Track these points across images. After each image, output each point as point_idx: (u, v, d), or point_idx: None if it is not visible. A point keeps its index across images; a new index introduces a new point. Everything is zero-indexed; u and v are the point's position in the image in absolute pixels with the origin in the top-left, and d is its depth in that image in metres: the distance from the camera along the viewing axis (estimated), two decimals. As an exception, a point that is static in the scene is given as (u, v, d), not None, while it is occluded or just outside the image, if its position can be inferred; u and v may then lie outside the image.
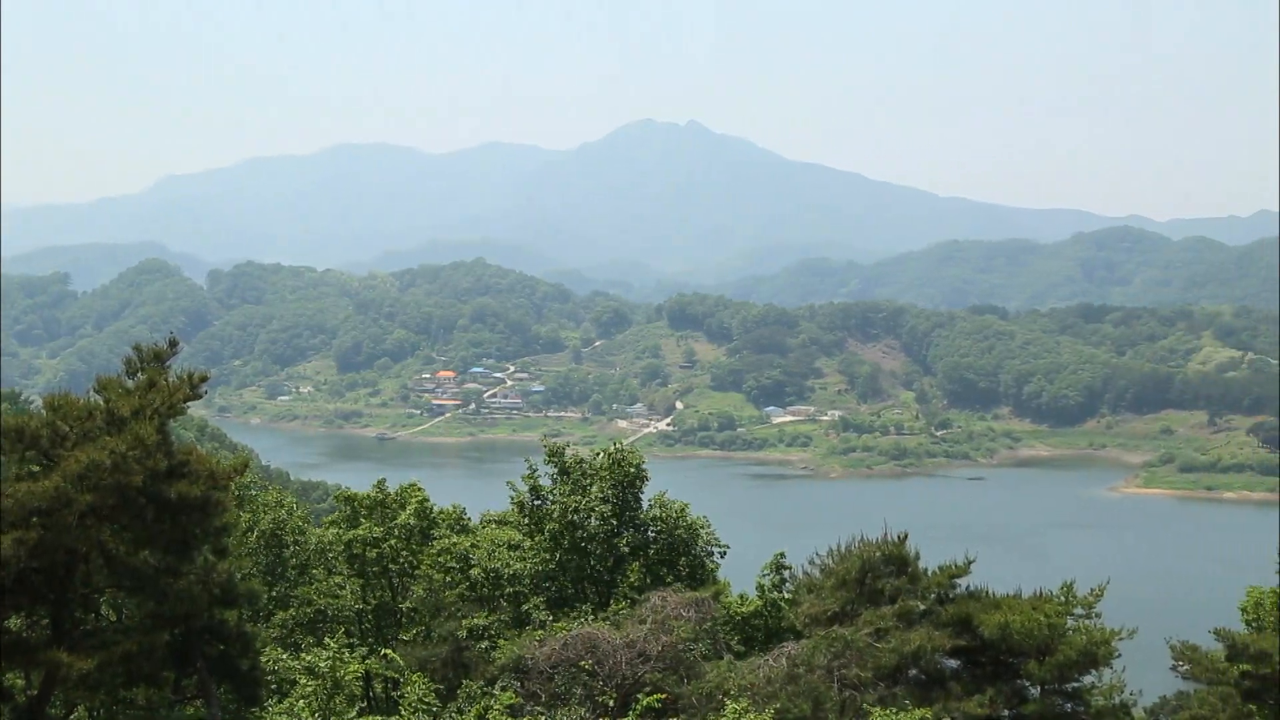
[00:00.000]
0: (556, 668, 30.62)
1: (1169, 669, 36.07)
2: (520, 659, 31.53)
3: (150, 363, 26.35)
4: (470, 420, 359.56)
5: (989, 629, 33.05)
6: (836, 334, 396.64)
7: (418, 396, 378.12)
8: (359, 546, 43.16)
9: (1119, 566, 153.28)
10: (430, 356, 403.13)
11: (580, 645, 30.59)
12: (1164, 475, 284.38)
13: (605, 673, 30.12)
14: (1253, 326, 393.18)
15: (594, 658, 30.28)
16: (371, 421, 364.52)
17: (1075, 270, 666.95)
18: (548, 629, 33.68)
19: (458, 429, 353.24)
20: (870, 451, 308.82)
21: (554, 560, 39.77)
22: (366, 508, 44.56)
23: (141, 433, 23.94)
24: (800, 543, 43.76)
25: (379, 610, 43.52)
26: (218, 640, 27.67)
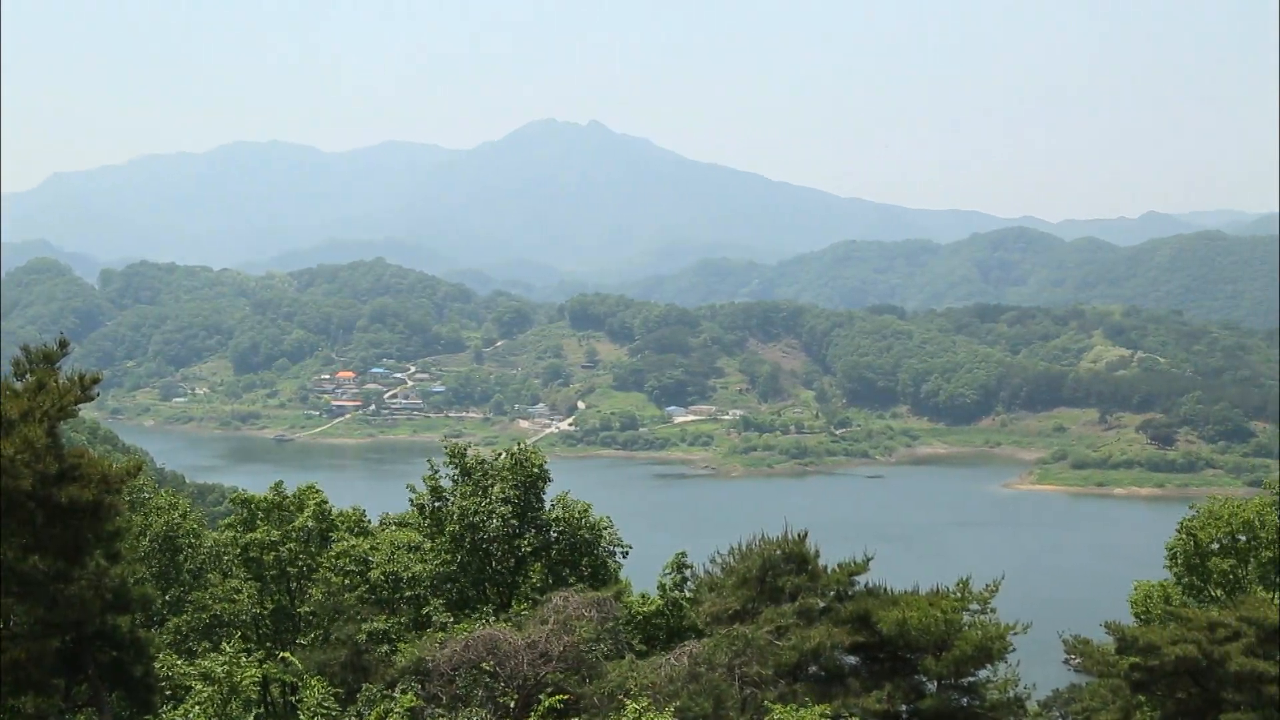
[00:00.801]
0: (458, 669, 30.41)
1: (1061, 662, 36.78)
2: (421, 661, 31.27)
3: (39, 364, 25.76)
4: (370, 421, 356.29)
5: (887, 625, 33.40)
6: (738, 334, 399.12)
7: (317, 397, 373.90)
8: (256, 550, 42.56)
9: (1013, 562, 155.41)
10: (329, 357, 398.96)
11: (481, 647, 30.40)
12: (1057, 472, 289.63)
13: (507, 674, 29.97)
14: (1141, 326, 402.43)
15: (495, 659, 30.11)
16: (269, 423, 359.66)
17: (971, 270, 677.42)
18: (449, 631, 33.43)
19: (357, 430, 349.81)
20: (771, 450, 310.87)
21: (455, 562, 39.50)
22: (264, 510, 43.95)
23: (30, 436, 23.41)
24: (702, 542, 43.94)
25: (277, 614, 42.94)
26: (110, 647, 27.10)
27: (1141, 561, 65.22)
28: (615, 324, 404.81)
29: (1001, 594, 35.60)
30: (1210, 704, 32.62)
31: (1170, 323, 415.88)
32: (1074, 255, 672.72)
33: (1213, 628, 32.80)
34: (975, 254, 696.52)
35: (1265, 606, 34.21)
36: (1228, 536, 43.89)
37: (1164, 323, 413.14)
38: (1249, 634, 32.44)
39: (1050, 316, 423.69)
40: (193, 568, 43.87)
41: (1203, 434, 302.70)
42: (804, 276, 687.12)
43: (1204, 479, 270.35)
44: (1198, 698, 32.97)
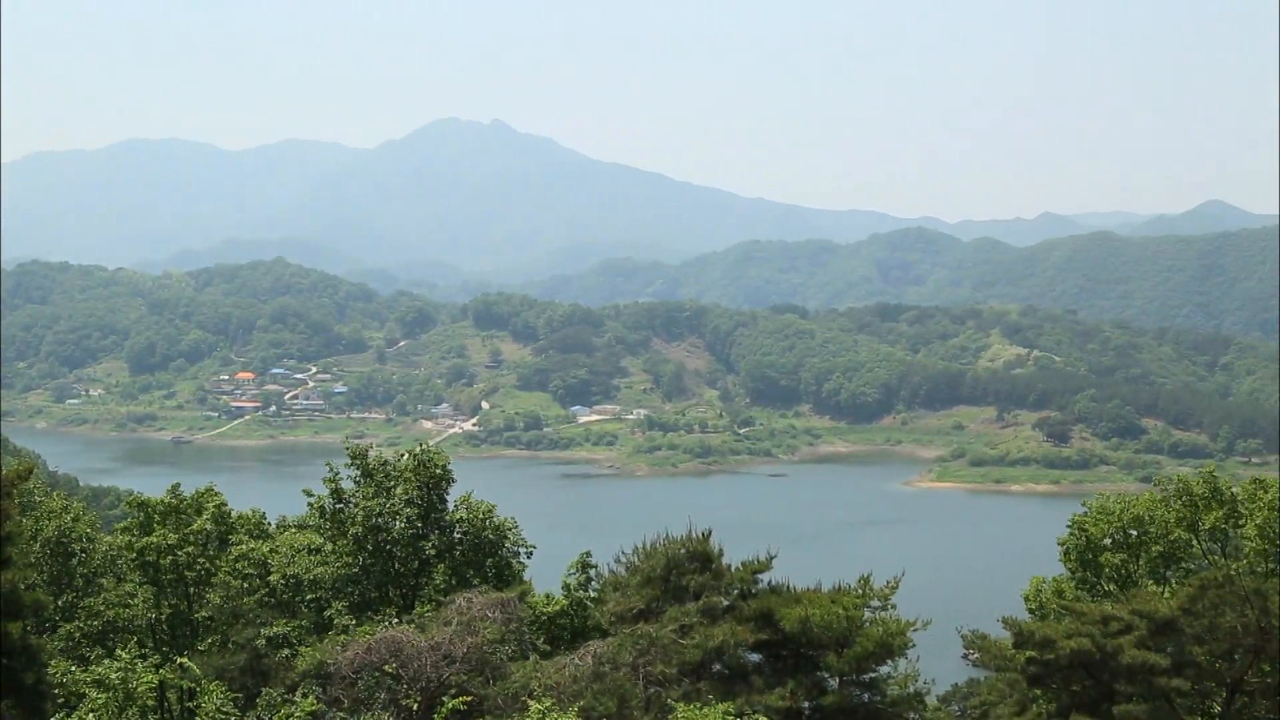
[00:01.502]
0: (360, 672, 30.16)
1: (960, 657, 37.31)
2: (322, 664, 30.98)
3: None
4: (271, 422, 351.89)
5: (790, 623, 33.66)
6: (642, 333, 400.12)
7: (215, 399, 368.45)
8: (152, 554, 41.85)
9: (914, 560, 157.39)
10: (228, 358, 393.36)
11: (384, 649, 30.18)
12: (956, 470, 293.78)
13: (409, 676, 29.77)
14: (1037, 325, 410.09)
15: (398, 661, 29.91)
16: (167, 424, 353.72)
17: (872, 270, 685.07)
18: (351, 634, 33.14)
19: (257, 431, 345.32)
20: (675, 450, 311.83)
21: (357, 564, 39.14)
22: (160, 514, 43.24)
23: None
24: (607, 542, 43.94)
25: (174, 619, 42.28)
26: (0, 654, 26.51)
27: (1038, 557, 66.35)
28: (519, 324, 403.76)
29: (902, 591, 36.03)
30: (1104, 696, 33.29)
31: (1065, 322, 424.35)
32: (972, 255, 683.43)
33: (1106, 621, 33.47)
34: (875, 254, 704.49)
35: (1156, 600, 35.01)
36: (1119, 532, 44.81)
37: (1059, 322, 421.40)
38: (1140, 627, 33.15)
39: (949, 316, 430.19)
40: (86, 572, 43.02)
41: (1096, 431, 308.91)
42: (708, 276, 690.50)
43: (1097, 475, 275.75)
44: (1092, 690, 33.62)
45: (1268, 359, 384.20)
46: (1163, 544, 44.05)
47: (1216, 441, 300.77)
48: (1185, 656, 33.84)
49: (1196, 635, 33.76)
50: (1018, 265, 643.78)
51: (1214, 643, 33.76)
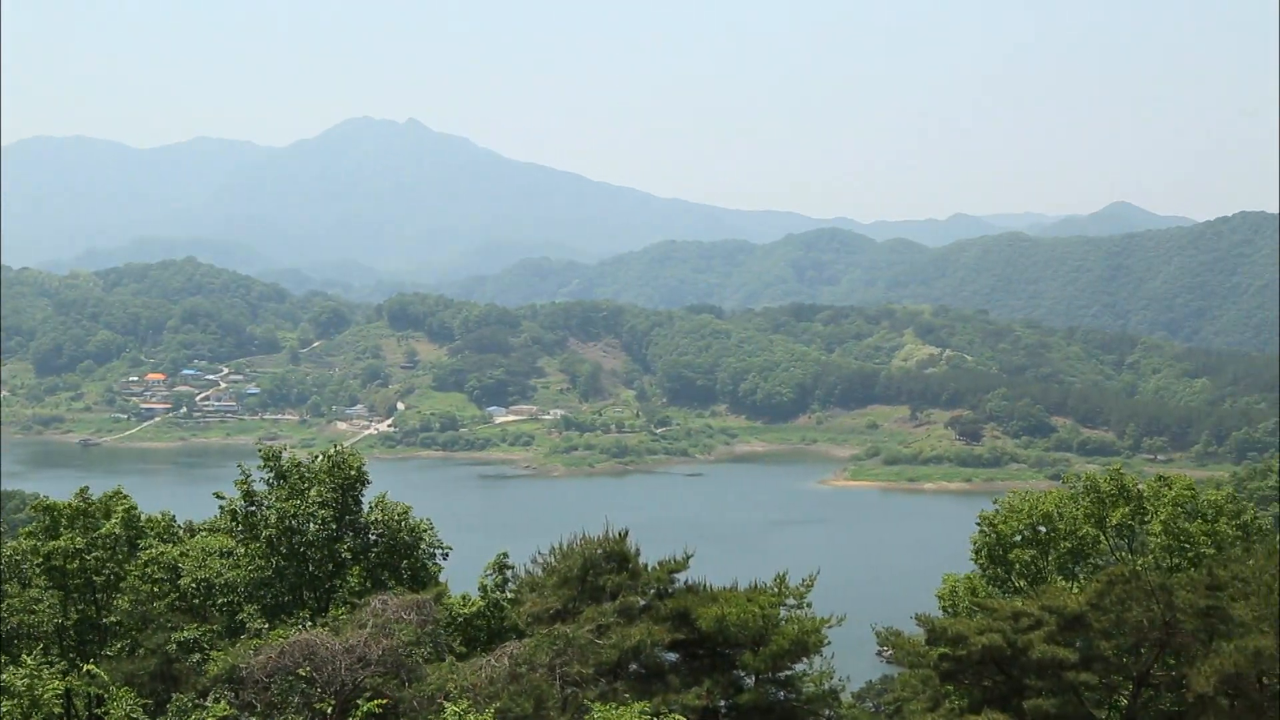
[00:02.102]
0: (273, 676, 29.82)
1: (875, 654, 37.68)
2: (234, 669, 30.59)
3: None
4: (182, 424, 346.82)
5: (706, 622, 33.79)
6: (558, 333, 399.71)
7: (125, 400, 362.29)
8: (59, 558, 41.03)
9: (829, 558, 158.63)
10: (138, 358, 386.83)
11: (298, 652, 29.86)
12: (870, 468, 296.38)
13: (324, 679, 29.50)
14: (950, 325, 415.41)
15: (312, 665, 29.61)
16: (74, 427, 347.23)
17: (787, 270, 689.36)
18: (263, 637, 32.77)
19: (168, 433, 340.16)
20: (592, 450, 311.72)
21: (270, 567, 38.68)
22: (67, 518, 42.41)
23: None
24: (524, 542, 43.84)
25: (81, 625, 41.49)
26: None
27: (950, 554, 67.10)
28: (435, 324, 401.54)
29: (817, 589, 36.29)
30: (1015, 691, 33.75)
31: (976, 322, 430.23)
32: (885, 255, 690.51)
33: (1016, 617, 33.94)
34: (790, 254, 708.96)
35: (1065, 595, 35.54)
36: (1029, 529, 45.47)
37: (971, 322, 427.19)
38: (1050, 622, 33.65)
39: (863, 316, 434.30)
40: (-9, 579, 42.12)
41: (1007, 429, 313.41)
42: (624, 276, 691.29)
43: (1008, 473, 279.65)
44: (1003, 685, 34.07)
45: (1172, 358, 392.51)
46: (1071, 540, 44.74)
47: (1123, 439, 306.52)
48: (1093, 651, 34.41)
49: (1104, 630, 34.34)
50: (930, 265, 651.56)
51: (1121, 637, 34.36)
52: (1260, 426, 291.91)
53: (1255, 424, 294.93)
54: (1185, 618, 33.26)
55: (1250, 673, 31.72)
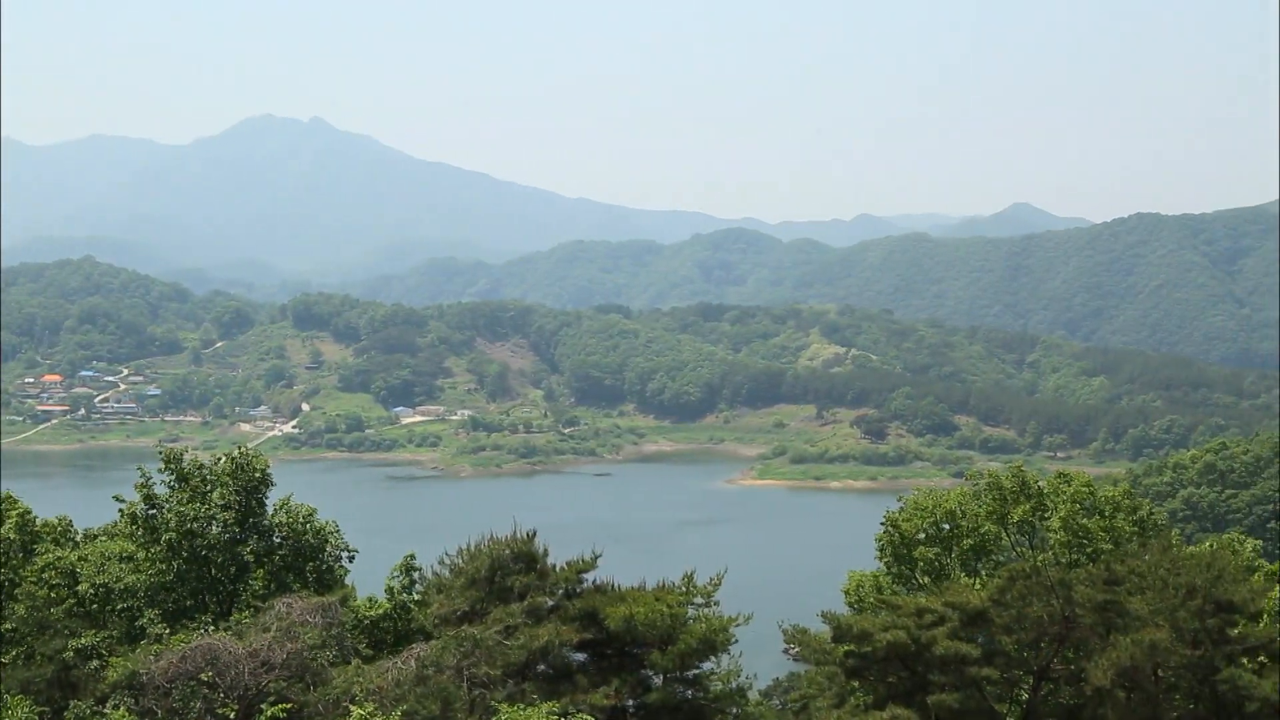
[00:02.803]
0: (174, 682, 29.40)
1: (781, 652, 37.87)
2: (134, 675, 30.10)
3: None
4: (80, 427, 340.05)
5: (614, 621, 33.82)
6: (465, 333, 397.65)
7: (20, 402, 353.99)
8: (-49, 565, 40.14)
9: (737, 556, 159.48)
10: (34, 360, 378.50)
11: (200, 657, 29.47)
12: (777, 467, 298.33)
13: (226, 684, 29.15)
14: (855, 324, 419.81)
15: (215, 669, 29.24)
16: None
17: (694, 270, 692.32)
18: (164, 643, 32.26)
19: (65, 436, 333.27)
20: (500, 450, 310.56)
21: (171, 571, 38.06)
22: (-42, 524, 41.48)
23: None
24: (431, 543, 43.60)
25: (-27, 632, 40.57)
26: None
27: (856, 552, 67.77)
28: (340, 324, 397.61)
29: (725, 588, 36.45)
30: (919, 686, 34.18)
31: (881, 321, 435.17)
32: (791, 256, 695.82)
33: (920, 614, 34.37)
34: (698, 254, 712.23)
35: (967, 592, 36.06)
36: (933, 526, 46.05)
37: (876, 321, 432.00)
38: (953, 618, 34.13)
39: (770, 315, 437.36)
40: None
41: (911, 428, 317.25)
42: (532, 276, 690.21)
43: (913, 471, 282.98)
44: (907, 681, 34.49)
45: (1071, 357, 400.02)
46: (974, 537, 45.36)
47: (1024, 437, 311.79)
48: (995, 646, 34.95)
49: (1005, 625, 34.87)
50: (836, 265, 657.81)
51: (1022, 632, 34.92)
52: (1156, 424, 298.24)
53: (1151, 421, 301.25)
54: (1084, 612, 33.88)
55: (1146, 665, 32.40)
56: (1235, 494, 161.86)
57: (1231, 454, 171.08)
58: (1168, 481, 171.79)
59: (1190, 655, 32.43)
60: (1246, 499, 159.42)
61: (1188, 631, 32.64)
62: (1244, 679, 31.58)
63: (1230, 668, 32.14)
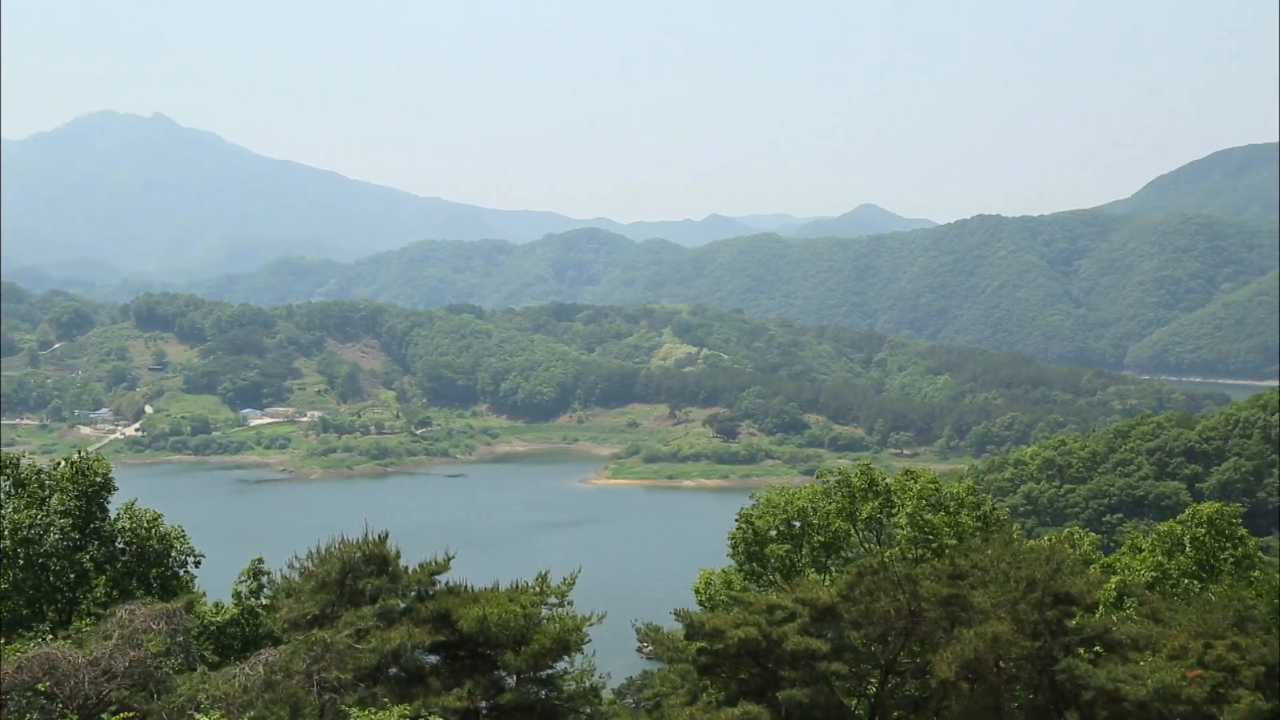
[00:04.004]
0: (9, 692, 28.46)
1: (635, 650, 37.96)
2: (-33, 688, 29.05)
3: None
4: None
5: (468, 623, 33.62)
6: (315, 334, 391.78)
7: None
8: None
9: (591, 556, 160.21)
10: None
11: (37, 667, 28.57)
12: (630, 466, 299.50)
13: (66, 694, 28.31)
14: (707, 324, 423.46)
15: (53, 679, 28.37)
16: None
17: (547, 270, 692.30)
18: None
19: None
20: (351, 451, 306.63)
21: (6, 580, 36.87)
22: None
23: None
24: (280, 547, 42.89)
25: None
26: None
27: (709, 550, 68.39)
28: (185, 325, 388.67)
29: (579, 587, 36.45)
30: (770, 682, 34.54)
31: (732, 320, 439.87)
32: (644, 256, 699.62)
33: (771, 610, 34.74)
34: (550, 254, 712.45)
35: (817, 588, 36.57)
36: (784, 524, 46.60)
37: (727, 320, 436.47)
38: (803, 614, 34.57)
39: (622, 315, 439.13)
40: None
41: (762, 426, 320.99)
42: (383, 276, 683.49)
43: (764, 469, 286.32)
44: (759, 677, 34.83)
45: (917, 355, 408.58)
46: (824, 534, 46.00)
47: (872, 435, 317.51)
48: (844, 641, 35.49)
49: (854, 620, 35.44)
50: (687, 265, 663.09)
51: (870, 627, 35.52)
52: (998, 421, 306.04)
53: (993, 419, 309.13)
54: (929, 607, 34.58)
55: (988, 657, 33.21)
56: (1073, 489, 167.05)
57: (1069, 450, 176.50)
58: (1009, 477, 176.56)
59: (1030, 646, 33.32)
60: (1084, 493, 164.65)
61: (1028, 624, 33.53)
62: (1080, 669, 32.56)
63: (1068, 658, 33.11)
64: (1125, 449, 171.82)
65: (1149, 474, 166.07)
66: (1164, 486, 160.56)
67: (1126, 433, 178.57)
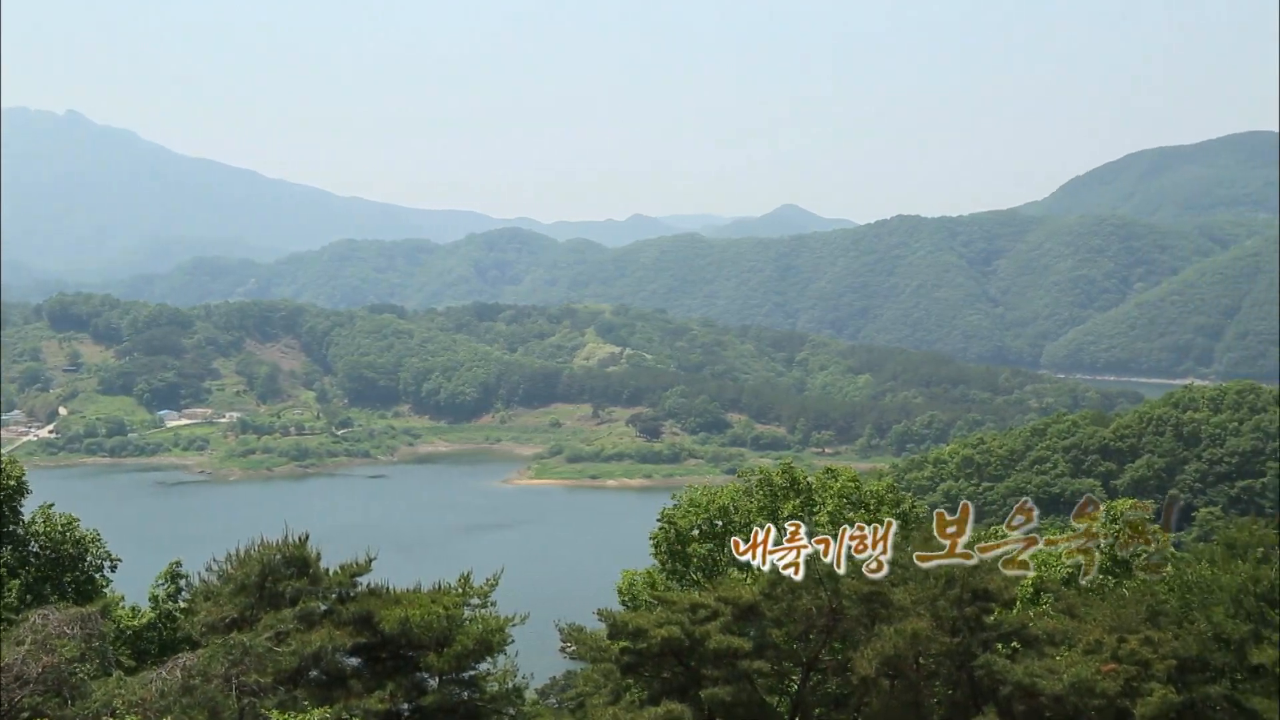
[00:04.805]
0: (-80, 702, 27.95)
1: (558, 651, 37.92)
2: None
3: None
4: None
5: (390, 624, 33.45)
6: (234, 334, 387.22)
7: None
8: None
9: (514, 556, 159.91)
10: None
11: (-52, 675, 28.07)
12: (553, 466, 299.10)
13: (-22, 702, 27.83)
14: (630, 324, 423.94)
15: (-36, 687, 27.89)
16: None
17: (469, 270, 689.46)
18: (-92, 661, 30.59)
19: None
20: (271, 453, 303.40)
21: (-86, 586, 36.22)
22: None
23: None
24: (199, 550, 42.42)
25: None
26: None
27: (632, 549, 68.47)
28: (101, 325, 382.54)
29: (502, 588, 36.38)
30: (693, 681, 34.67)
31: (655, 320, 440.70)
32: (566, 255, 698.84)
33: (694, 609, 34.86)
34: (473, 254, 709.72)
35: (740, 586, 36.74)
36: (706, 523, 46.77)
37: (650, 320, 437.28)
38: (725, 613, 34.73)
39: (545, 315, 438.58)
40: None
41: (685, 426, 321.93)
42: (303, 275, 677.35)
43: (687, 468, 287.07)
44: (681, 676, 34.94)
45: (838, 355, 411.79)
46: (746, 533, 46.23)
47: (794, 433, 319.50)
48: (766, 639, 35.68)
49: (776, 618, 35.65)
50: (610, 265, 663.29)
51: (791, 625, 35.75)
52: (917, 420, 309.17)
53: (913, 417, 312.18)
54: (850, 604, 34.88)
55: (909, 654, 33.58)
56: (991, 486, 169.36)
57: (987, 448, 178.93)
58: (929, 475, 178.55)
59: (949, 643, 33.73)
60: (1001, 491, 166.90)
61: (947, 620, 33.93)
62: (998, 664, 33.02)
63: (986, 654, 33.55)
64: (1042, 447, 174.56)
65: (1065, 471, 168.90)
66: (1079, 484, 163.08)
67: (1043, 431, 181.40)
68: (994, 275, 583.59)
